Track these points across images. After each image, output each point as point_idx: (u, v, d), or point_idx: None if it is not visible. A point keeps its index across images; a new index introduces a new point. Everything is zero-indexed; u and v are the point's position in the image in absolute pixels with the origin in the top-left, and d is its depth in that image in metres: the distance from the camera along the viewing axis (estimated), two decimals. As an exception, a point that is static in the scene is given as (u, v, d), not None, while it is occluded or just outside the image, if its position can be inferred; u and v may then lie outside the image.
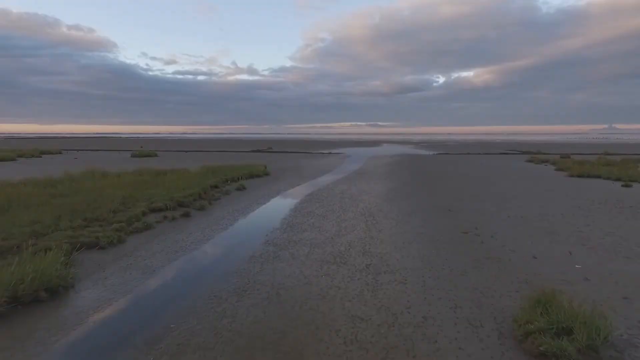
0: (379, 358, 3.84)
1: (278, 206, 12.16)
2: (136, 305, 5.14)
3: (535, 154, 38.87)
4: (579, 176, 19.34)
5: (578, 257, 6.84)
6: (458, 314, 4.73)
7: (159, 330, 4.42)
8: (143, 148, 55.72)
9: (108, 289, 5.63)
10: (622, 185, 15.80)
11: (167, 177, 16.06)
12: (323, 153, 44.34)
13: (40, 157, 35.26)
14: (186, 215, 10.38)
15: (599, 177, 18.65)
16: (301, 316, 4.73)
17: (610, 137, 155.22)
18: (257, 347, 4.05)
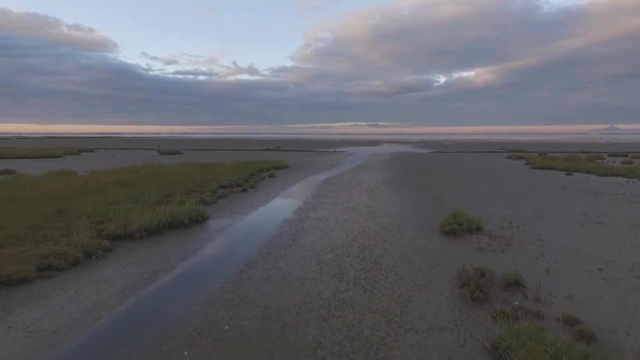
0: (375, 234, 8.50)
1: (304, 186, 16.82)
2: (249, 224, 9.81)
3: (518, 151, 43.51)
4: (539, 168, 24.00)
5: (494, 209, 11.48)
6: (415, 225, 9.40)
7: (266, 232, 9.06)
8: (160, 147, 60.66)
9: (227, 219, 10.29)
10: (565, 174, 20.47)
11: (213, 168, 20.73)
12: (328, 151, 49.03)
13: (80, 154, 39.96)
14: (244, 190, 15.06)
15: (553, 168, 23.31)
16: (336, 226, 9.40)
17: (605, 137, 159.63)
18: (316, 234, 8.71)
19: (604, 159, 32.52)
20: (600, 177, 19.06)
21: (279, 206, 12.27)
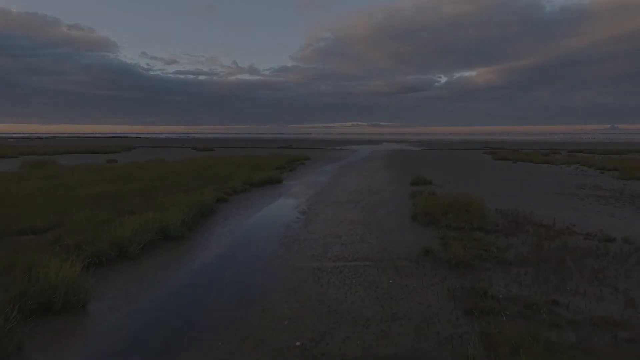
0: (375, 186, 16.57)
1: (328, 169, 24.88)
2: (307, 182, 17.88)
3: (495, 149, 51.54)
4: (498, 159, 32.04)
5: (446, 177, 19.47)
6: (398, 183, 17.47)
7: (318, 185, 17.11)
8: (184, 145, 68.95)
9: (293, 182, 18.34)
10: (512, 163, 28.51)
11: (261, 158, 28.76)
12: (335, 149, 57.12)
13: (130, 150, 48.00)
14: (290, 170, 23.19)
15: (509, 159, 31.32)
16: (354, 184, 17.48)
17: (598, 137, 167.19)
18: (344, 186, 16.77)
19: (559, 153, 40.49)
20: (535, 164, 27.07)
21: (318, 177, 20.36)
